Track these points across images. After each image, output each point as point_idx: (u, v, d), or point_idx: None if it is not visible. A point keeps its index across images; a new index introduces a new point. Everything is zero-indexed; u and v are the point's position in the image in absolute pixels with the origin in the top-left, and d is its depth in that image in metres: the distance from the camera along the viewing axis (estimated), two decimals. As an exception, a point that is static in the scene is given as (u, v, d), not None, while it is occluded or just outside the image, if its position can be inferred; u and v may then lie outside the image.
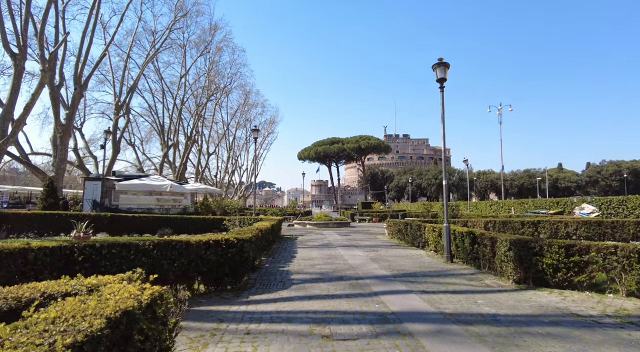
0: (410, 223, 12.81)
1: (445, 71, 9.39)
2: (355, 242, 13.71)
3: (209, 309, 4.97)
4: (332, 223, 22.56)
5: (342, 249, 11.37)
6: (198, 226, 16.43)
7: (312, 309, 4.92)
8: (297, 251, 11.18)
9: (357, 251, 10.92)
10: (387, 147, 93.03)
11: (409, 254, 10.32)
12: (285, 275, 7.34)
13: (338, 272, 7.63)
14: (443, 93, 9.45)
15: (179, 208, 19.53)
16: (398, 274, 7.45)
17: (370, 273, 7.49)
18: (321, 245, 12.74)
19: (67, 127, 25.53)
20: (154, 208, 18.53)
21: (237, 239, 6.13)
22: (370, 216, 30.59)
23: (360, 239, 15.09)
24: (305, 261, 9.18)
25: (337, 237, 15.51)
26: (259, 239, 8.27)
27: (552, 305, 5.12)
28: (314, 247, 12.21)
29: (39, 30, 21.33)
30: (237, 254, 6.13)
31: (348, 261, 8.98)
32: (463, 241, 8.61)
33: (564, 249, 6.03)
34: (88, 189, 17.32)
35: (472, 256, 8.38)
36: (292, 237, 15.75)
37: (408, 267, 8.30)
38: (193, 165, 52.87)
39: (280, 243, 13.37)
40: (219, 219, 16.85)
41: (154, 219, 15.34)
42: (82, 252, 4.57)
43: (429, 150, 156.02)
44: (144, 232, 15.23)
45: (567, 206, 22.19)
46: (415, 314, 4.71)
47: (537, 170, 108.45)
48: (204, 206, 19.67)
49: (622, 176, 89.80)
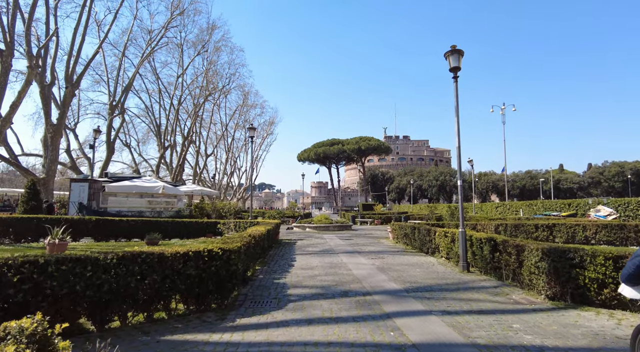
0: (418, 227, 11.84)
1: (459, 59, 8.45)
2: (358, 247, 12.74)
3: (184, 339, 4.00)
4: (333, 226, 21.60)
5: (344, 256, 10.40)
6: (191, 229, 15.49)
7: (312, 340, 3.95)
8: (296, 258, 10.20)
9: (361, 258, 9.95)
10: (388, 148, 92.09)
11: (418, 262, 9.35)
12: (280, 289, 6.38)
13: (342, 285, 6.66)
14: (457, 83, 8.51)
15: (172, 211, 18.57)
16: (411, 287, 6.48)
17: (379, 287, 6.52)
18: (322, 251, 11.77)
19: (59, 127, 24.58)
20: (146, 211, 17.56)
21: (223, 250, 5.18)
22: (372, 218, 29.62)
23: (364, 243, 14.11)
24: (304, 270, 8.21)
25: (339, 242, 14.54)
26: (252, 247, 7.30)
27: (609, 333, 4.15)
28: (314, 253, 11.24)
29: (26, 25, 20.41)
30: (223, 267, 5.17)
31: (352, 271, 8.01)
32: (481, 249, 7.65)
33: (611, 261, 5.07)
34: (74, 191, 16.35)
35: (492, 266, 7.42)
36: (290, 242, 14.78)
37: (421, 278, 7.33)
38: (191, 166, 51.94)
39: (277, 249, 12.40)
40: (213, 222, 15.90)
41: (142, 222, 14.37)
42: (18, 271, 3.60)
43: (429, 152, 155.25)
44: (132, 237, 14.28)
45: (581, 207, 21.22)
46: (442, 347, 3.74)
47: (538, 171, 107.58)
48: (198, 209, 18.72)
49: (625, 177, 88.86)
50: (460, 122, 8.47)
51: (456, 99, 8.48)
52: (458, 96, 8.48)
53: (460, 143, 8.43)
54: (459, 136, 8.44)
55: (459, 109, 8.47)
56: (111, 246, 12.30)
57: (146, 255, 4.47)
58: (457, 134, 8.37)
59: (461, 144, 8.52)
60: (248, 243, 6.63)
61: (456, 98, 8.48)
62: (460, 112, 8.49)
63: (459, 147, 8.44)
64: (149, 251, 4.56)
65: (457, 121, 8.44)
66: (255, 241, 7.73)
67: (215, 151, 57.27)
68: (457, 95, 8.49)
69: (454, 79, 8.51)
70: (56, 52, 25.79)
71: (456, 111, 8.48)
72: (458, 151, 8.46)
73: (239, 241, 6.02)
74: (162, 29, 35.91)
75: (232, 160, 60.61)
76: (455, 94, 8.49)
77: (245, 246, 6.27)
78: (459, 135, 8.44)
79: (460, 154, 8.42)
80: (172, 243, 13.60)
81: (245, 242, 6.34)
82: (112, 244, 12.97)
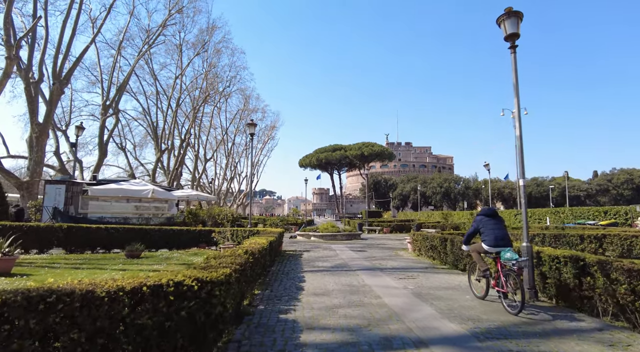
0: (451, 239, 9.84)
1: (518, 24, 6.56)
2: (377, 262, 10.74)
3: None
4: (341, 235, 19.57)
5: (365, 275, 8.40)
6: (182, 239, 13.54)
7: None
8: (305, 277, 8.21)
9: (387, 279, 7.96)
10: (391, 154, 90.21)
11: (462, 285, 7.37)
12: (290, 332, 4.39)
13: (376, 325, 4.67)
14: (515, 55, 6.61)
15: (163, 218, 16.60)
16: (478, 331, 4.48)
17: (432, 328, 4.53)
18: (335, 267, 9.76)
19: (44, 126, 22.72)
20: (132, 217, 15.60)
21: (201, 282, 3.22)
22: (381, 226, 27.57)
23: (381, 257, 12.11)
24: (319, 297, 6.22)
25: (352, 255, 12.53)
26: (250, 268, 5.33)
27: None
28: (326, 270, 9.23)
29: (5, 11, 18.69)
30: (200, 309, 3.21)
31: (383, 300, 6.01)
32: (558, 271, 5.68)
33: None
34: (49, 194, 14.41)
35: (577, 295, 5.44)
36: (295, 254, 12.79)
37: (481, 312, 5.34)
38: (190, 171, 50.07)
39: (281, 263, 10.41)
40: (207, 230, 13.94)
41: (125, 230, 12.40)
42: None
43: (431, 159, 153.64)
44: (112, 247, 12.32)
45: (620, 215, 19.19)
46: None
47: (545, 178, 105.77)
48: (191, 215, 16.76)
49: (635, 184, 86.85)
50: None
51: (515, 74, 6.56)
52: (517, 71, 6.58)
53: (522, 131, 6.49)
54: (520, 123, 6.51)
55: (518, 87, 6.57)
56: (84, 259, 10.31)
57: (59, 295, 2.51)
58: (518, 118, 6.43)
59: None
60: (243, 265, 4.65)
61: (515, 73, 6.57)
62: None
63: (520, 137, 6.49)
64: (67, 287, 2.60)
65: (517, 102, 6.52)
66: (254, 259, 5.76)
67: (215, 156, 55.49)
68: (515, 69, 6.58)
69: (511, 49, 6.61)
70: (45, 48, 24.12)
71: (515, 89, 6.57)
72: (520, 142, 6.49)
73: (230, 264, 4.05)
74: (160, 27, 34.37)
75: (232, 166, 58.78)
76: (514, 68, 6.58)
77: (240, 271, 4.30)
78: (520, 122, 6.50)
79: (522, 144, 6.45)
80: (157, 255, 11.61)
81: (239, 264, 4.36)
82: (86, 256, 10.98)
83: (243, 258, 4.83)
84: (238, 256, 4.73)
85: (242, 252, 5.23)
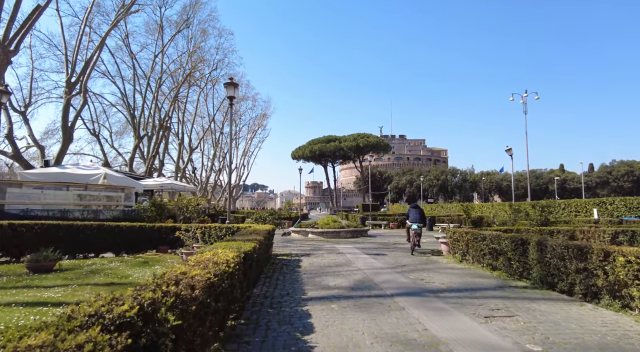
0: (536, 241, 6.21)
1: None
2: (414, 275, 7.10)
3: None
4: (345, 232, 15.93)
5: (417, 310, 4.74)
6: (134, 239, 9.77)
7: None
8: (311, 317, 4.51)
9: (464, 320, 4.32)
10: (387, 146, 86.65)
11: (597, 329, 3.78)
12: None
13: None
14: None
15: (117, 210, 12.77)
16: None
17: None
18: (356, 288, 6.08)
19: (-17, 101, 18.60)
20: (74, 210, 11.76)
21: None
22: (387, 221, 24.01)
23: (413, 264, 8.48)
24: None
25: (372, 262, 8.84)
26: (200, 316, 1.64)
27: None
28: (345, 297, 5.53)
29: None
30: None
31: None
32: None
33: None
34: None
35: None
36: (290, 260, 9.11)
37: None
38: (174, 161, 45.81)
39: (269, 280, 6.72)
40: (170, 228, 10.19)
41: (45, 228, 8.58)
42: None
43: (425, 151, 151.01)
44: (23, 251, 8.47)
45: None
46: None
47: (543, 171, 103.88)
48: (155, 207, 13.00)
49: (635, 176, 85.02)
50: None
51: None
52: None
53: None
54: None
55: None
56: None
57: None
58: None
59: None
60: None
61: None
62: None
63: None
64: None
65: None
66: (214, 294, 2.05)
67: (201, 146, 51.21)
68: None
69: None
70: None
71: None
72: None
73: None
74: (134, -6, 29.95)
75: (220, 157, 54.56)
76: None
77: None
78: None
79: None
80: (84, 265, 7.79)
81: None
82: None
83: None
84: None
85: (183, 286, 1.52)
